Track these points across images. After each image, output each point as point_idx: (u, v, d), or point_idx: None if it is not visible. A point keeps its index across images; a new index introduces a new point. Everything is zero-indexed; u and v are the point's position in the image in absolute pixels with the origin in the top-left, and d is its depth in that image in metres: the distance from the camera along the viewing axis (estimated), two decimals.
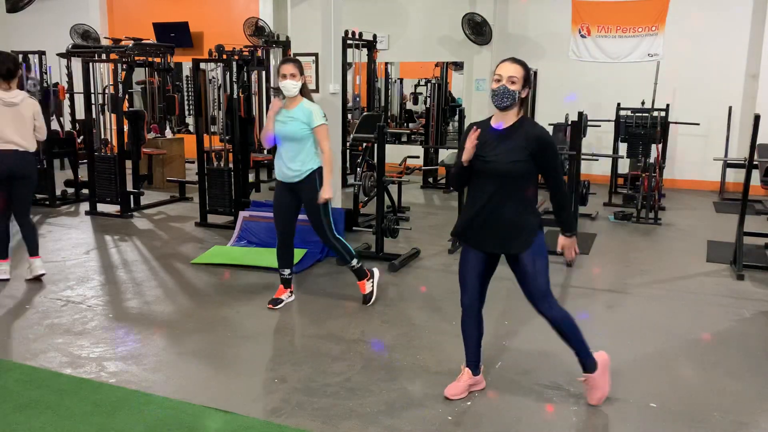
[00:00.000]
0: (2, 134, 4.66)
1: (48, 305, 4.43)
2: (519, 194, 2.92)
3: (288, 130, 4.15)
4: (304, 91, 4.21)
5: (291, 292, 4.53)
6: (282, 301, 4.44)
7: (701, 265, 5.66)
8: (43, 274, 4.97)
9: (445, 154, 9.94)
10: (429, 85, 11.52)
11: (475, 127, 2.93)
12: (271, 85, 4.19)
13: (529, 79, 2.95)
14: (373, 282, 4.54)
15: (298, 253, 5.30)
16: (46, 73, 8.10)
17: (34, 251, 4.98)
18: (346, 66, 7.74)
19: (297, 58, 4.42)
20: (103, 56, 7.77)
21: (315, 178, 4.22)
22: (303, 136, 4.14)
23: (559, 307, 3.05)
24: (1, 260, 4.96)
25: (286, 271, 4.45)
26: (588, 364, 3.09)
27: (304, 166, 4.18)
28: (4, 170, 4.69)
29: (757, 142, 5.41)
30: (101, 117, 7.65)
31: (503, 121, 2.94)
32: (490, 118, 3.05)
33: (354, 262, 4.45)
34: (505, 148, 2.88)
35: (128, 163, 7.60)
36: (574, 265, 5.49)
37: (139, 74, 9.54)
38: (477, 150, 2.90)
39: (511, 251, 2.98)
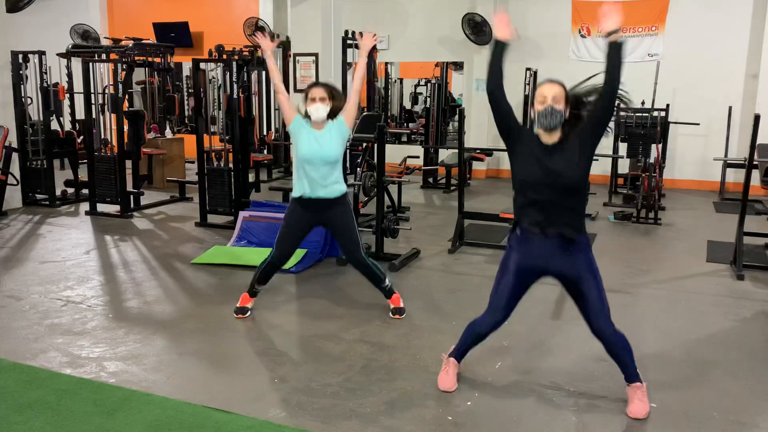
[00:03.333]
0: None
1: (48, 305, 4.43)
2: (575, 206, 2.95)
3: (324, 153, 3.95)
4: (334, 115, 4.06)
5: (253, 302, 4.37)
6: (249, 309, 4.28)
7: (701, 265, 5.66)
8: None
9: (445, 154, 9.95)
10: (429, 85, 11.53)
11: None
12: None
13: (569, 98, 2.95)
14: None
15: (299, 253, 5.31)
16: (46, 73, 8.09)
17: None
18: (346, 66, 7.74)
19: (329, 82, 4.25)
20: (103, 56, 7.77)
21: (348, 200, 4.13)
22: (337, 158, 4.01)
23: (620, 332, 3.07)
24: None
25: (263, 287, 4.33)
26: (635, 377, 3.09)
27: (339, 185, 4.05)
28: None
29: (757, 142, 5.40)
30: (101, 117, 7.65)
31: (550, 138, 2.93)
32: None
33: (387, 282, 4.30)
34: (562, 160, 2.88)
35: (128, 163, 7.61)
36: None
37: (139, 74, 9.54)
38: (529, 162, 2.92)
39: (565, 253, 2.96)
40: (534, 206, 2.93)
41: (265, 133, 10.38)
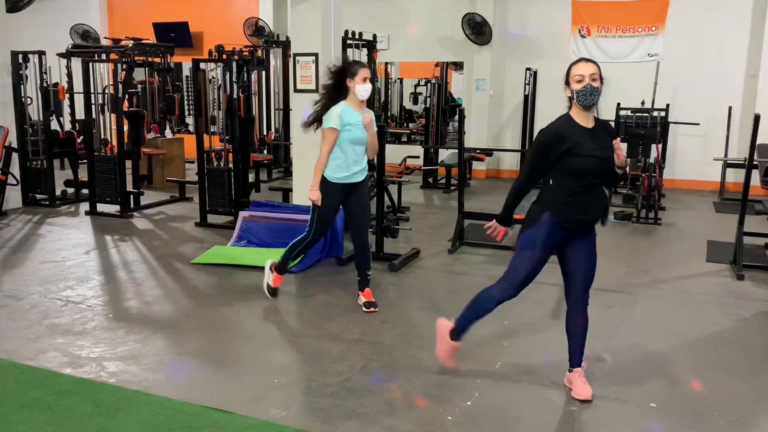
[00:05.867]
0: None
1: (48, 305, 4.43)
2: (606, 182, 3.14)
3: (363, 136, 4.21)
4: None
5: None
6: (278, 289, 4.60)
7: (701, 265, 5.66)
8: None
9: (444, 154, 9.95)
10: (429, 85, 11.52)
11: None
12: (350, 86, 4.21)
13: (602, 77, 3.05)
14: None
15: None
16: (46, 73, 8.09)
17: None
18: None
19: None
20: (103, 56, 7.77)
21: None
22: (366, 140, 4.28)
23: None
24: None
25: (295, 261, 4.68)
26: (579, 360, 3.25)
27: (363, 164, 4.31)
28: None
29: (757, 142, 5.41)
30: (101, 117, 7.65)
31: (588, 120, 3.05)
32: (566, 116, 3.08)
33: (371, 273, 4.50)
34: (601, 145, 3.01)
35: (128, 163, 7.61)
36: None
37: (140, 74, 9.53)
38: (573, 148, 3.00)
39: (600, 221, 3.15)
40: (583, 191, 3.03)
41: (264, 133, 10.37)
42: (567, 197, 3.04)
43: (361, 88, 4.11)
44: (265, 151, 10.15)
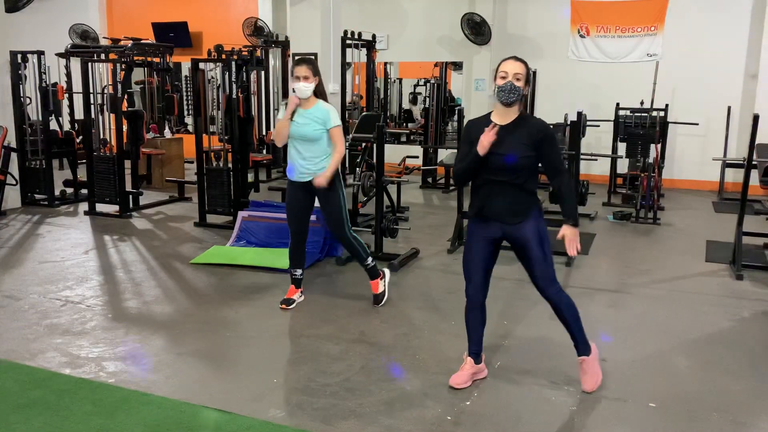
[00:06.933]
0: None
1: (47, 305, 4.42)
2: (521, 185, 3.06)
3: (304, 132, 4.14)
4: (319, 92, 4.19)
5: (301, 292, 4.52)
6: (294, 301, 4.44)
7: (700, 265, 5.66)
8: None
9: (444, 154, 9.95)
10: (428, 85, 11.53)
11: (491, 125, 3.03)
12: (290, 86, 4.25)
13: (530, 77, 3.10)
14: (385, 282, 4.54)
15: None
16: (44, 73, 8.07)
17: None
18: (345, 66, 7.73)
19: (311, 58, 4.40)
20: (102, 56, 7.76)
21: (337, 179, 4.26)
22: (318, 137, 4.15)
23: (564, 293, 3.17)
24: None
25: (298, 272, 4.45)
26: (583, 348, 3.23)
27: (319, 165, 4.18)
28: None
29: (756, 142, 5.41)
30: (100, 117, 7.64)
31: (505, 117, 3.07)
32: (488, 114, 3.17)
33: (369, 261, 4.46)
34: (509, 144, 3.00)
35: (127, 163, 7.60)
36: (573, 265, 5.49)
37: (139, 74, 9.52)
38: (474, 143, 3.04)
39: (513, 221, 3.08)
40: (484, 186, 3.09)
41: (264, 133, 10.37)
42: (473, 191, 3.17)
43: (296, 86, 4.09)
44: (264, 151, 10.14)
